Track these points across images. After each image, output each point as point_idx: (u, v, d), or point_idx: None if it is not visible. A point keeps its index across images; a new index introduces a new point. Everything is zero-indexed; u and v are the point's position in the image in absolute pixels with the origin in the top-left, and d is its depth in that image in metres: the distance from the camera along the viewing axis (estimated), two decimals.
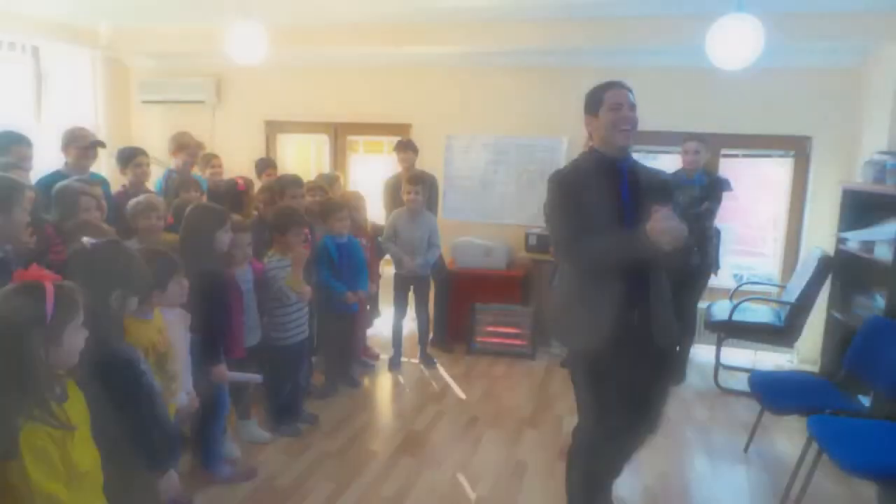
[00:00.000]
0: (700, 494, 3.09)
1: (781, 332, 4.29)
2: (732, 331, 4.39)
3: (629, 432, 2.46)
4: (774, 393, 3.16)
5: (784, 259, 5.15)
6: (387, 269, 5.12)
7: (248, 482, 3.02)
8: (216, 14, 5.10)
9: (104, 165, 5.33)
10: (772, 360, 5.08)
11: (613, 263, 2.25)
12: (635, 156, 2.50)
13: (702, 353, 5.07)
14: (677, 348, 4.48)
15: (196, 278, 2.55)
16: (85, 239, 1.93)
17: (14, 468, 1.47)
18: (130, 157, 3.96)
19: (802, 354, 4.97)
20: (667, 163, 5.26)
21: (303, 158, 6.45)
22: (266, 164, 4.99)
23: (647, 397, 2.45)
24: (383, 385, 4.41)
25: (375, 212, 5.18)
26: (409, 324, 5.03)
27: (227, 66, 5.57)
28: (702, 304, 4.71)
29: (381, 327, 5.34)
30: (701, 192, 4.28)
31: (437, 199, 5.13)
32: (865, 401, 3.20)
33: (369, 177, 5.97)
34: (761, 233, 7.06)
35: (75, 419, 1.60)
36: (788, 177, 5.11)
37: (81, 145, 3.68)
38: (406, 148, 4.92)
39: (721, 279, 4.99)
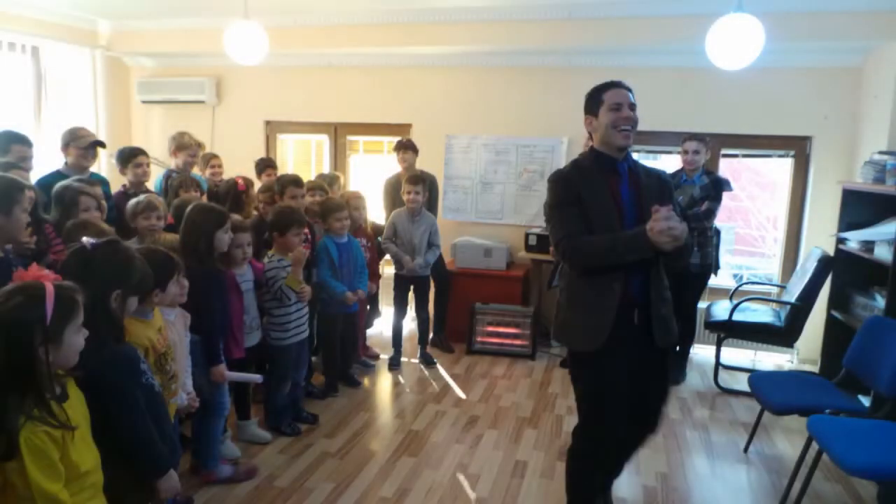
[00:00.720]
0: (700, 494, 3.09)
1: (781, 332, 4.29)
2: (732, 331, 4.39)
3: (629, 432, 2.46)
4: (774, 393, 3.16)
5: (784, 259, 5.16)
6: (387, 269, 5.13)
7: (248, 482, 3.02)
8: (216, 14, 5.12)
9: (104, 165, 5.34)
10: (772, 360, 5.08)
11: (614, 263, 2.26)
12: (635, 156, 2.51)
13: (702, 353, 5.08)
14: (677, 348, 4.49)
15: (196, 278, 2.56)
16: (85, 239, 1.92)
17: (14, 468, 1.47)
18: (130, 157, 3.96)
19: (802, 354, 4.97)
20: (667, 163, 5.28)
21: (303, 158, 6.46)
22: (266, 164, 4.98)
23: (647, 397, 2.45)
24: (383, 385, 4.41)
25: (375, 212, 5.18)
26: (409, 324, 5.04)
27: (227, 66, 5.59)
28: (702, 304, 4.71)
29: (381, 327, 5.35)
30: (701, 192, 4.28)
31: (437, 199, 5.13)
32: (865, 401, 3.20)
33: (369, 177, 5.97)
34: (761, 233, 7.08)
35: (75, 419, 1.60)
36: (788, 177, 5.11)
37: (81, 145, 3.68)
38: (406, 148, 4.91)
39: (721, 279, 5.00)
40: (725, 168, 5.21)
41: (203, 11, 5.22)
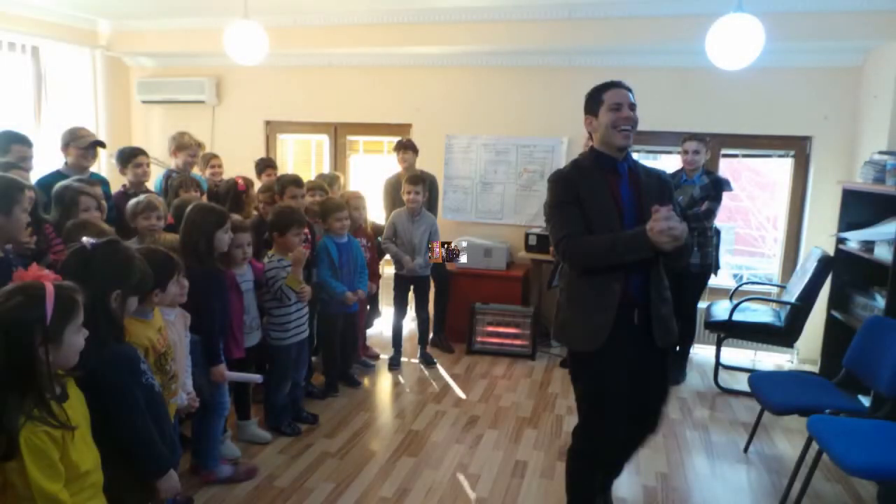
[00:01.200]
0: (700, 494, 3.09)
1: (781, 332, 4.29)
2: (732, 331, 4.39)
3: (629, 432, 2.46)
4: (774, 393, 3.16)
5: (784, 259, 5.15)
6: (387, 269, 5.13)
7: (248, 482, 3.02)
8: (216, 14, 5.12)
9: (104, 165, 5.34)
10: (772, 360, 5.08)
11: (613, 263, 2.25)
12: (635, 156, 2.50)
13: (702, 353, 5.08)
14: (677, 348, 4.49)
15: (196, 278, 2.56)
16: (85, 238, 1.92)
17: (14, 468, 1.47)
18: (130, 157, 3.96)
19: (802, 354, 4.97)
20: (667, 163, 5.28)
21: (303, 158, 6.46)
22: (266, 164, 4.98)
23: (647, 397, 2.45)
24: (383, 385, 4.41)
25: (375, 212, 5.18)
26: (409, 324, 5.04)
27: (227, 66, 5.59)
28: (702, 304, 4.71)
29: (381, 327, 5.35)
30: (701, 192, 4.28)
31: (437, 199, 5.13)
32: (865, 401, 3.20)
33: (369, 177, 5.97)
34: (761, 233, 7.09)
35: (75, 419, 1.60)
36: (788, 177, 5.11)
37: (81, 145, 3.68)
38: (406, 148, 4.91)
39: (721, 279, 5.00)
40: (725, 168, 5.21)
41: (203, 11, 5.22)
